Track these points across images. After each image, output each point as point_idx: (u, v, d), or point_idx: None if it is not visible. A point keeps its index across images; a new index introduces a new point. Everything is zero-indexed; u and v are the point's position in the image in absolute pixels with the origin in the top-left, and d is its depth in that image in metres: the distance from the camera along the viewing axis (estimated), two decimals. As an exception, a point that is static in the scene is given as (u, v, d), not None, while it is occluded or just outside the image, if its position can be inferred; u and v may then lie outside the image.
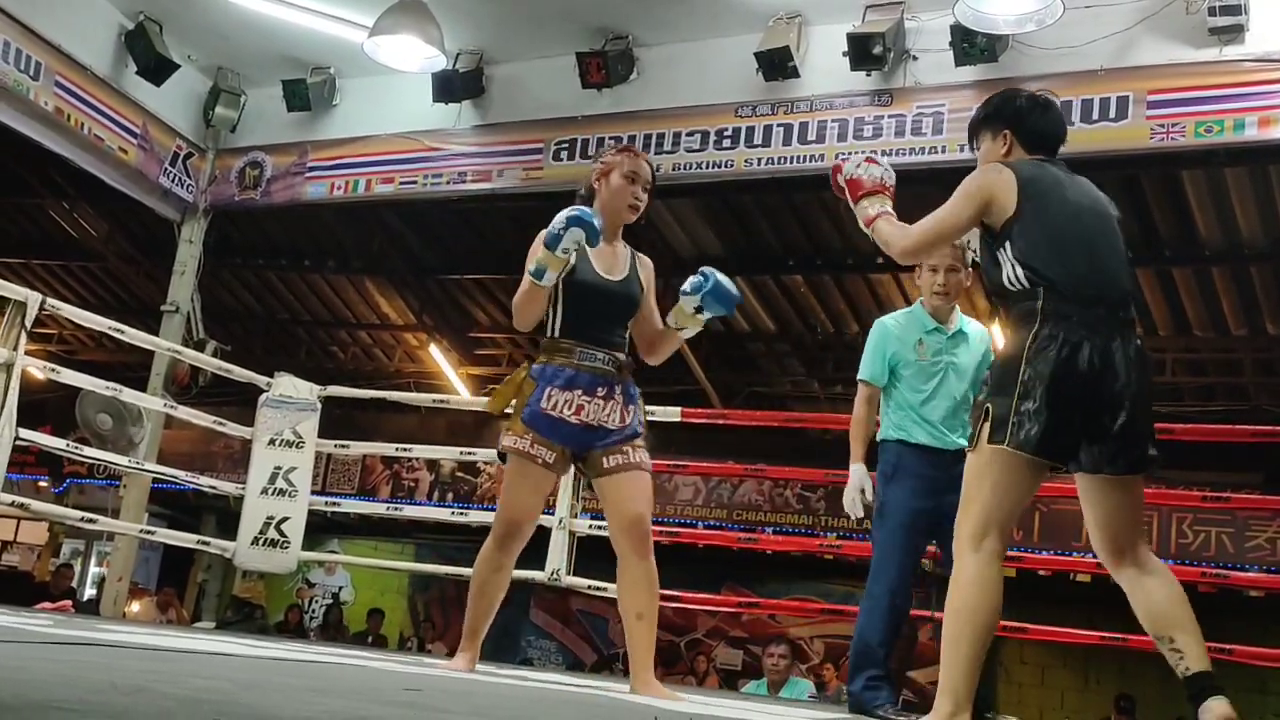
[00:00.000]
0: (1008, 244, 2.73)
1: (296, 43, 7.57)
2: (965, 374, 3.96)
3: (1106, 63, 5.94)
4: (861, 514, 4.10)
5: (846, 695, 4.18)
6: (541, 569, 5.69)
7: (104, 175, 7.78)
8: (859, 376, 4.15)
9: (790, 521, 11.10)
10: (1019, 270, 2.70)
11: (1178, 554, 9.27)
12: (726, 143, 6.71)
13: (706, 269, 3.50)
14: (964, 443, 3.46)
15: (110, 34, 7.44)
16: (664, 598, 6.43)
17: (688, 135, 6.81)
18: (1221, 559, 9.28)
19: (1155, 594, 2.73)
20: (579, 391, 3.32)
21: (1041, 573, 9.08)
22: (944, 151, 6.30)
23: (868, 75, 6.39)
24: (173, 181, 8.03)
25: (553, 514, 5.71)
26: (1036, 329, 2.64)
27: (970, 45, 6.04)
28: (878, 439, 4.07)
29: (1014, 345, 2.69)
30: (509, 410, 3.41)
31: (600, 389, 3.35)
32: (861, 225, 3.06)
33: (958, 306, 4.12)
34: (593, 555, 6.00)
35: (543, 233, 3.29)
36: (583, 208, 3.28)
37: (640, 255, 3.62)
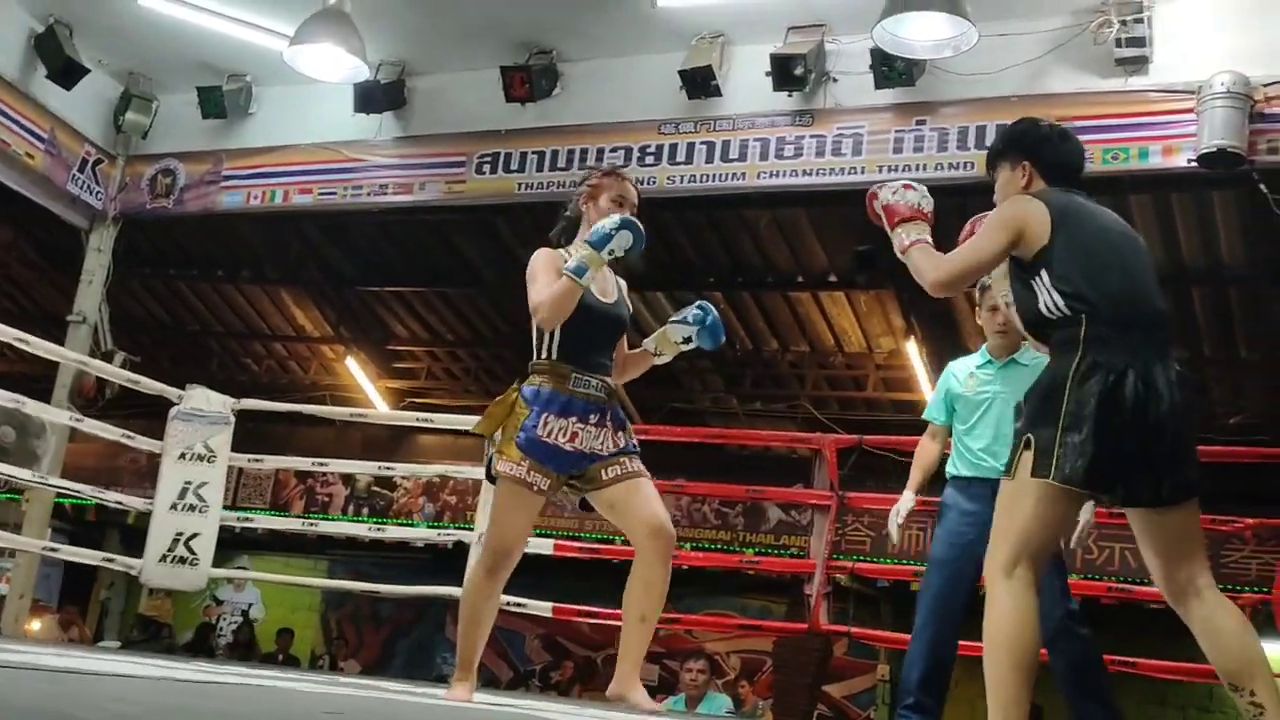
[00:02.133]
0: (1044, 272, 2.68)
1: (212, 49, 7.44)
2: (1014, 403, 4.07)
3: (1018, 90, 6.09)
4: (897, 538, 4.38)
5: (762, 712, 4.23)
6: (459, 586, 5.63)
7: (9, 180, 7.57)
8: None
9: (708, 537, 11.12)
10: (1057, 298, 2.66)
11: (1083, 569, 9.48)
12: (649, 159, 6.74)
13: (704, 303, 3.56)
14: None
15: (19, 36, 7.25)
16: (579, 613, 6.44)
17: (611, 151, 6.83)
18: (1125, 574, 9.51)
19: (1228, 638, 2.65)
20: (574, 418, 3.27)
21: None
22: (863, 172, 6.40)
23: (789, 96, 6.47)
24: (81, 188, 7.84)
25: (473, 529, 5.67)
26: (1079, 357, 2.58)
27: (889, 69, 6.15)
28: None
29: (1056, 374, 2.62)
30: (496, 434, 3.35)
31: (593, 415, 3.30)
32: (897, 253, 2.97)
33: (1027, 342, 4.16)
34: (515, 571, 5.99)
35: (548, 250, 3.34)
36: (631, 217, 3.25)
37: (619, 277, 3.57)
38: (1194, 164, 5.76)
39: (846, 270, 9.03)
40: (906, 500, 4.26)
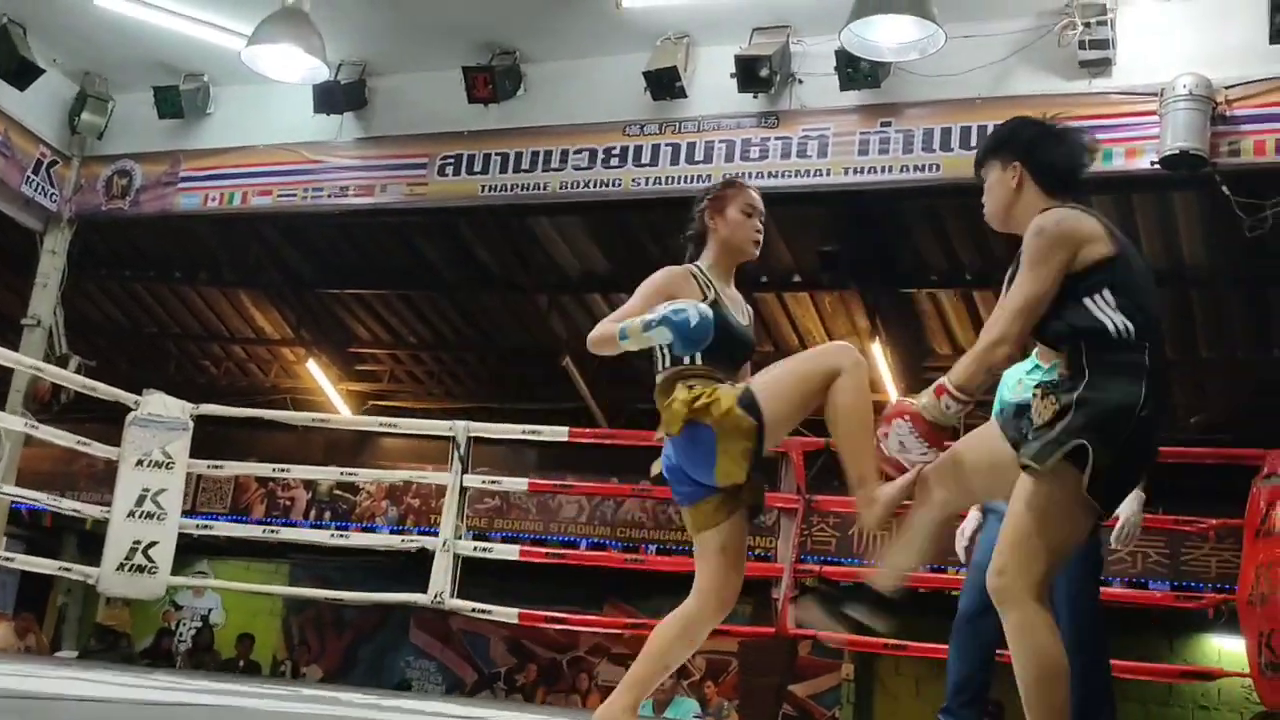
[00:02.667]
0: (1106, 291, 2.55)
1: (169, 48, 7.33)
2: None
3: (984, 92, 6.10)
4: (964, 557, 4.20)
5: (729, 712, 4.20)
6: (424, 591, 5.57)
7: (-40, 182, 7.42)
8: None
9: (674, 539, 11.09)
10: (1125, 320, 2.53)
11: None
12: (615, 161, 6.70)
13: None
14: None
15: (-30, 35, 7.10)
16: (546, 619, 6.39)
17: (575, 153, 6.79)
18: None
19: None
20: None
21: (920, 589, 9.22)
22: (828, 174, 6.39)
23: (755, 97, 6.45)
24: (35, 190, 7.69)
25: (436, 534, 5.62)
26: (1146, 389, 2.49)
27: (854, 71, 6.14)
28: None
29: (1123, 399, 2.49)
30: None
31: None
32: (956, 398, 2.64)
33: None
34: (478, 574, 5.94)
35: (671, 271, 3.13)
36: (706, 311, 2.84)
37: None
38: (1156, 166, 5.79)
39: (811, 271, 9.03)
40: (972, 519, 4.17)
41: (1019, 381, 4.08)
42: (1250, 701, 8.77)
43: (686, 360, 2.99)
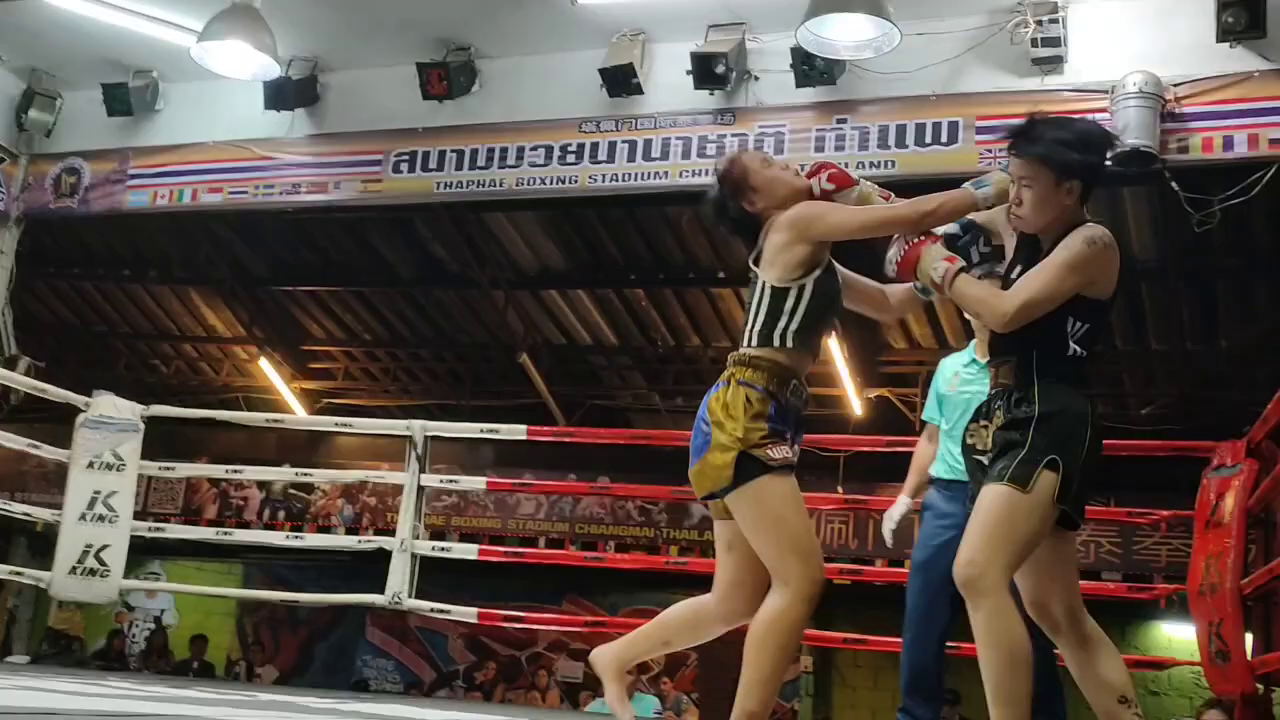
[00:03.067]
0: (1084, 325, 2.65)
1: (117, 45, 7.21)
2: None
3: (938, 89, 6.13)
4: (890, 541, 4.25)
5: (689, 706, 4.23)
6: (381, 591, 5.54)
7: (-97, 180, 7.28)
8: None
9: (632, 534, 11.11)
10: (1079, 347, 2.65)
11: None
12: (571, 158, 6.68)
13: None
14: None
15: (-88, 31, 6.96)
16: (505, 617, 6.37)
17: (531, 150, 6.75)
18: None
19: (1109, 669, 2.71)
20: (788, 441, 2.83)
21: (877, 582, 9.31)
22: (784, 170, 6.39)
23: (711, 94, 6.45)
24: (-19, 188, 7.55)
25: (393, 532, 5.59)
26: (1091, 398, 2.67)
27: (810, 68, 6.15)
28: None
29: (1078, 409, 2.62)
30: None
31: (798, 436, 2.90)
32: (930, 279, 2.73)
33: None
34: (436, 571, 5.91)
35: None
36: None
37: None
38: (1107, 162, 5.84)
39: (766, 267, 9.05)
40: (900, 505, 4.20)
41: (955, 374, 4.05)
42: (1199, 687, 8.92)
43: (778, 340, 2.82)
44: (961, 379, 4.00)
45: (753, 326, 2.87)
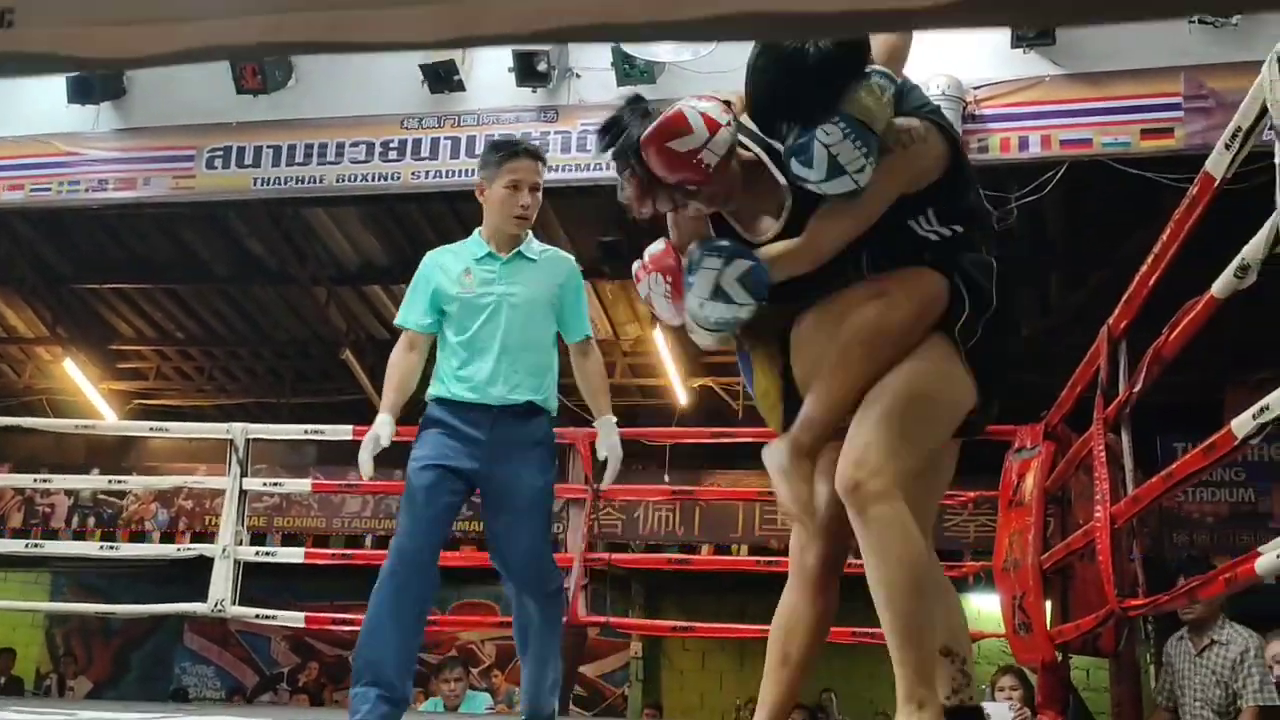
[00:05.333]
0: (930, 210, 2.28)
1: (-100, 31, 6.78)
2: (522, 309, 3.34)
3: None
4: (367, 474, 3.45)
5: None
6: (203, 599, 5.39)
7: None
8: (395, 322, 3.56)
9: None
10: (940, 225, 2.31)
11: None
12: (393, 154, 6.62)
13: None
14: (516, 398, 3.25)
15: None
16: (334, 620, 6.28)
17: (352, 145, 6.66)
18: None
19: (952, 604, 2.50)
20: None
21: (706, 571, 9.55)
22: (608, 168, 6.44)
23: (534, 91, 6.50)
24: None
25: (212, 537, 5.45)
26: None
27: (630, 67, 6.26)
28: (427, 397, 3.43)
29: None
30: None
31: None
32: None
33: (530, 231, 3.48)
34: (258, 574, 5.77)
35: None
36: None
37: None
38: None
39: (593, 261, 9.13)
40: (385, 425, 3.41)
41: (466, 270, 3.49)
42: (1005, 654, 9.44)
43: None
44: (479, 278, 3.38)
45: None
